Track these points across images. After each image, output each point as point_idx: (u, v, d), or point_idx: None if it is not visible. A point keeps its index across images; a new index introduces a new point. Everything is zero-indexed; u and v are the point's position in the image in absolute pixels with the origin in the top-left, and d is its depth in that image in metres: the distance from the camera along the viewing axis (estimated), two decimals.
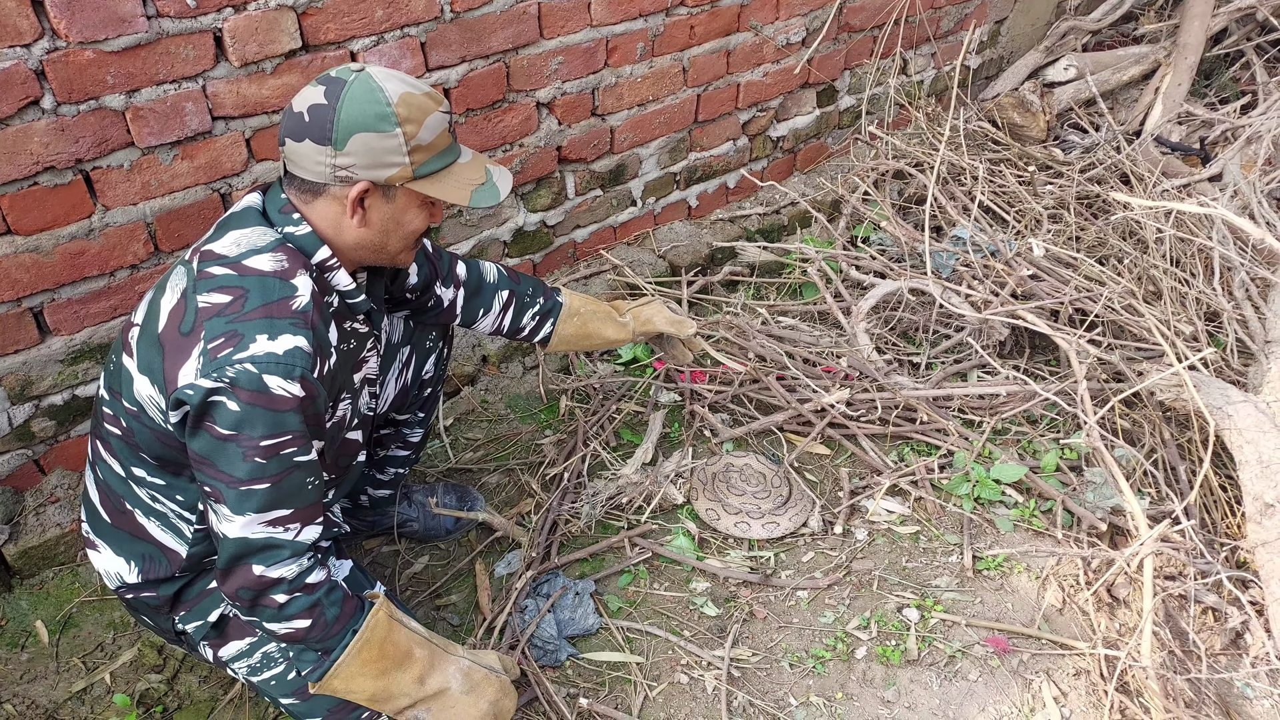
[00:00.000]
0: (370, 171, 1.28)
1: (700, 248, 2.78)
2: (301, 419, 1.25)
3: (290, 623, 1.31)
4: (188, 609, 1.47)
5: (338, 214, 1.32)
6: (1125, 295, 2.45)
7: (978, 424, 2.28)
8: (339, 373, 1.38)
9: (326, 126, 1.25)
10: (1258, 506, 1.90)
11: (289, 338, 1.22)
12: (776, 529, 2.04)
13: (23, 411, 1.83)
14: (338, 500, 1.60)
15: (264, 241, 1.30)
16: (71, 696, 1.73)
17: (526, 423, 2.35)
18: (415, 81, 1.31)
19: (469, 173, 1.37)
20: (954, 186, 2.94)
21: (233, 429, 1.21)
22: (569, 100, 2.33)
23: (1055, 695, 1.76)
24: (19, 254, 1.67)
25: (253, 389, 1.19)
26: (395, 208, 1.33)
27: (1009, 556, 2.02)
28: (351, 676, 1.35)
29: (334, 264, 1.35)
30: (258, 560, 1.27)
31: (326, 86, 1.26)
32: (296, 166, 1.30)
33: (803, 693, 1.76)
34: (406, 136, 1.26)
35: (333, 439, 1.43)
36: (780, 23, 2.67)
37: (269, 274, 1.27)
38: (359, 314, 1.44)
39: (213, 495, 1.26)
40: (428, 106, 1.29)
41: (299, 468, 1.27)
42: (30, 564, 1.88)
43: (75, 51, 1.56)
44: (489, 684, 1.46)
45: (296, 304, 1.26)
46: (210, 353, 1.20)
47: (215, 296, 1.24)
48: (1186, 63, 3.33)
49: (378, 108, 1.24)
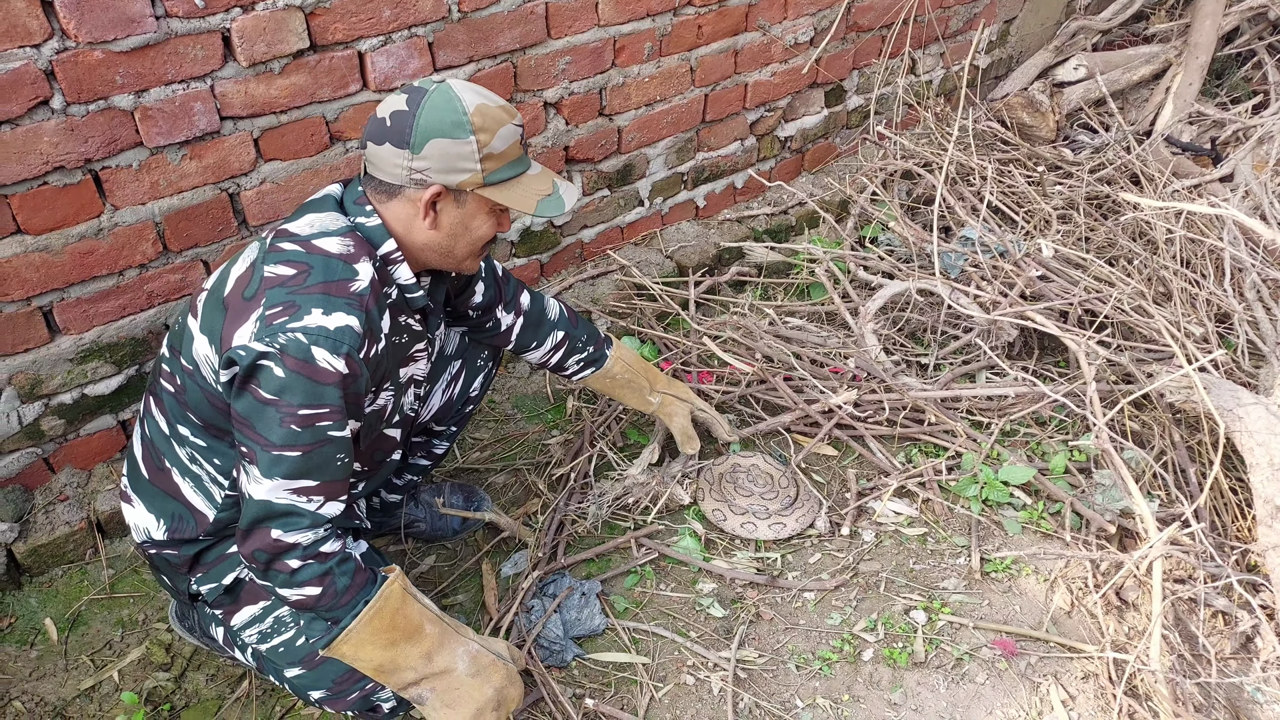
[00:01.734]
0: (444, 176, 1.35)
1: (708, 248, 2.77)
2: (341, 395, 1.30)
3: (302, 589, 1.34)
4: (205, 571, 1.51)
5: (410, 215, 1.39)
6: (1135, 296, 2.43)
7: (986, 425, 2.27)
8: (385, 360, 1.42)
9: (406, 131, 1.32)
10: (1269, 509, 1.89)
11: (342, 315, 1.29)
12: (783, 530, 2.04)
13: (32, 410, 1.84)
14: (364, 495, 1.63)
15: (335, 226, 1.37)
16: (80, 694, 1.74)
17: (533, 423, 2.35)
18: (491, 95, 1.38)
19: (537, 184, 1.43)
20: (962, 187, 2.92)
21: (275, 394, 1.26)
22: (576, 100, 2.33)
23: (1063, 699, 1.75)
24: (29, 253, 1.68)
25: (299, 358, 1.25)
26: (465, 212, 1.40)
27: (1017, 559, 2.01)
28: (361, 643, 1.37)
29: (398, 257, 1.41)
30: (277, 525, 1.32)
31: (409, 95, 1.34)
32: (375, 168, 1.38)
33: (809, 694, 1.76)
34: (480, 144, 1.34)
35: (370, 427, 1.49)
36: (788, 22, 2.67)
37: (335, 255, 1.33)
38: (415, 310, 1.49)
39: (247, 456, 1.31)
40: (501, 118, 1.36)
41: (331, 442, 1.31)
42: (40, 562, 1.89)
43: (84, 52, 1.57)
44: (496, 670, 1.46)
45: (355, 287, 1.33)
46: (267, 319, 1.26)
47: (281, 269, 1.31)
48: (1197, 62, 3.31)
49: (454, 115, 1.32)
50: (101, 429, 1.95)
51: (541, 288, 2.58)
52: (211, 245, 1.90)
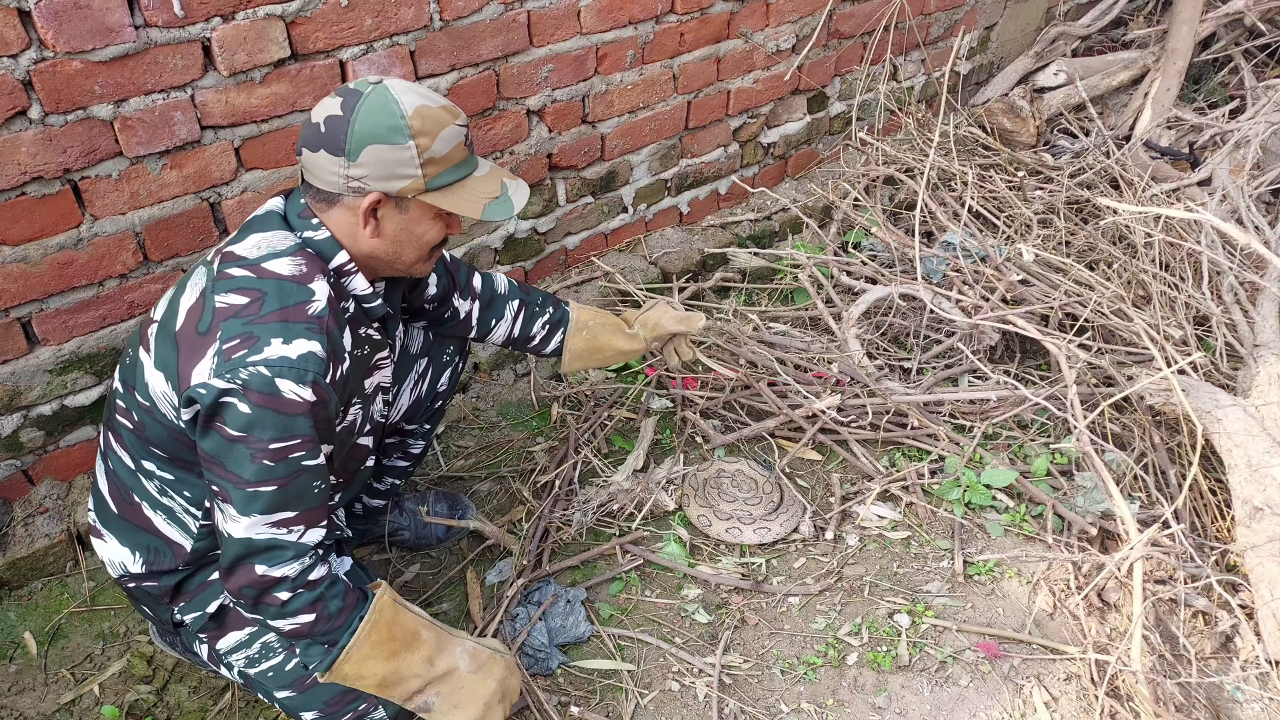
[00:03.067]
0: (382, 183, 1.30)
1: (692, 254, 2.78)
2: (312, 423, 1.26)
3: (294, 618, 1.33)
4: (188, 599, 1.49)
5: (352, 223, 1.34)
6: (1115, 300, 2.46)
7: (968, 429, 2.29)
8: (351, 378, 1.39)
9: (340, 137, 1.27)
10: (1247, 510, 1.91)
11: (303, 342, 1.24)
12: (768, 535, 2.04)
13: (11, 422, 1.82)
14: (343, 504, 1.61)
15: (284, 245, 1.32)
16: (60, 708, 1.72)
17: (518, 430, 2.35)
18: (433, 94, 1.32)
19: (484, 186, 1.38)
20: (944, 192, 2.95)
21: (242, 430, 1.22)
22: (559, 108, 2.33)
23: (1046, 700, 1.76)
24: (7, 264, 1.67)
25: (264, 391, 1.21)
26: (409, 219, 1.35)
27: (1000, 561, 2.02)
28: (363, 660, 1.36)
29: (351, 269, 1.37)
30: (261, 560, 1.29)
31: (344, 98, 1.28)
32: (312, 176, 1.32)
33: (794, 699, 1.76)
34: (419, 149, 1.28)
35: (342, 443, 1.45)
36: (770, 30, 2.68)
37: (287, 278, 1.29)
38: (374, 319, 1.45)
39: (220, 495, 1.28)
40: (443, 119, 1.30)
41: (306, 471, 1.29)
42: (19, 575, 1.87)
43: (63, 62, 1.56)
44: (495, 663, 1.47)
45: (313, 309, 1.28)
46: (225, 353, 1.22)
47: (233, 298, 1.26)
48: (1175, 68, 3.35)
49: (391, 120, 1.26)
50: (82, 440, 1.94)
51: None
52: (193, 255, 1.89)
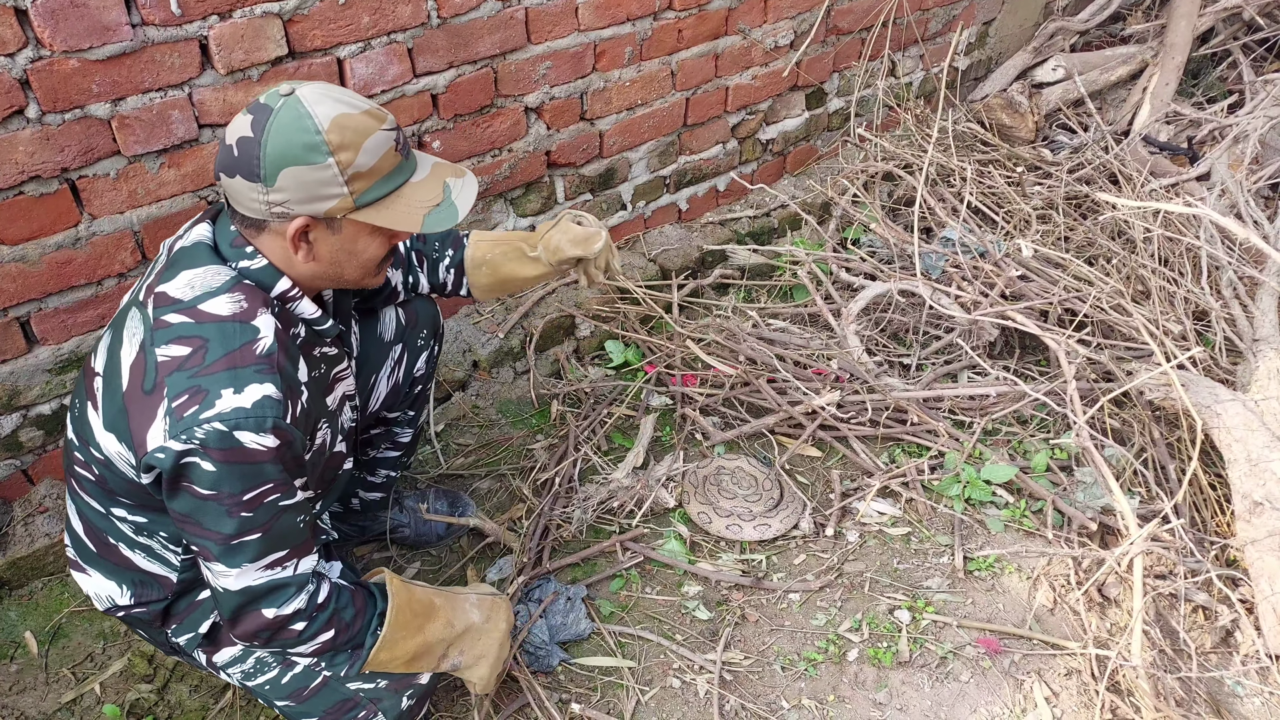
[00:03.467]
0: (307, 206, 1.19)
1: (690, 251, 2.78)
2: (280, 468, 1.21)
3: (314, 641, 1.33)
4: (179, 622, 1.47)
5: (284, 248, 1.24)
6: (1114, 295, 2.46)
7: (968, 425, 2.29)
8: (313, 404, 1.32)
9: (254, 162, 1.16)
10: (1246, 504, 1.91)
11: (256, 387, 1.17)
12: (768, 531, 2.04)
13: (10, 422, 1.82)
14: (327, 509, 1.60)
15: (219, 282, 1.22)
16: (61, 707, 1.72)
17: (518, 428, 2.35)
18: (354, 99, 1.20)
19: (423, 193, 1.27)
20: (943, 188, 2.94)
21: (211, 488, 1.17)
22: (557, 105, 2.33)
23: (1047, 695, 1.76)
24: (5, 263, 1.66)
25: (225, 447, 1.15)
26: (343, 239, 1.25)
27: (1000, 557, 2.02)
28: (395, 644, 1.40)
29: (296, 294, 1.28)
30: (266, 604, 1.27)
31: (254, 116, 1.17)
32: (234, 201, 1.22)
33: (795, 696, 1.76)
34: (341, 165, 1.17)
35: (315, 465, 1.40)
36: (768, 26, 2.68)
37: (228, 318, 1.20)
38: (328, 339, 1.39)
39: (203, 553, 1.24)
40: (367, 127, 1.18)
41: (286, 510, 1.25)
42: (19, 575, 1.87)
43: (60, 60, 1.56)
44: (498, 607, 1.55)
45: (260, 347, 1.20)
46: (175, 412, 1.14)
47: (174, 349, 1.18)
48: (1174, 62, 3.34)
49: (306, 137, 1.15)
50: None
51: (524, 292, 2.57)
52: None
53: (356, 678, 1.44)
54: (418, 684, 1.49)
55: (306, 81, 1.21)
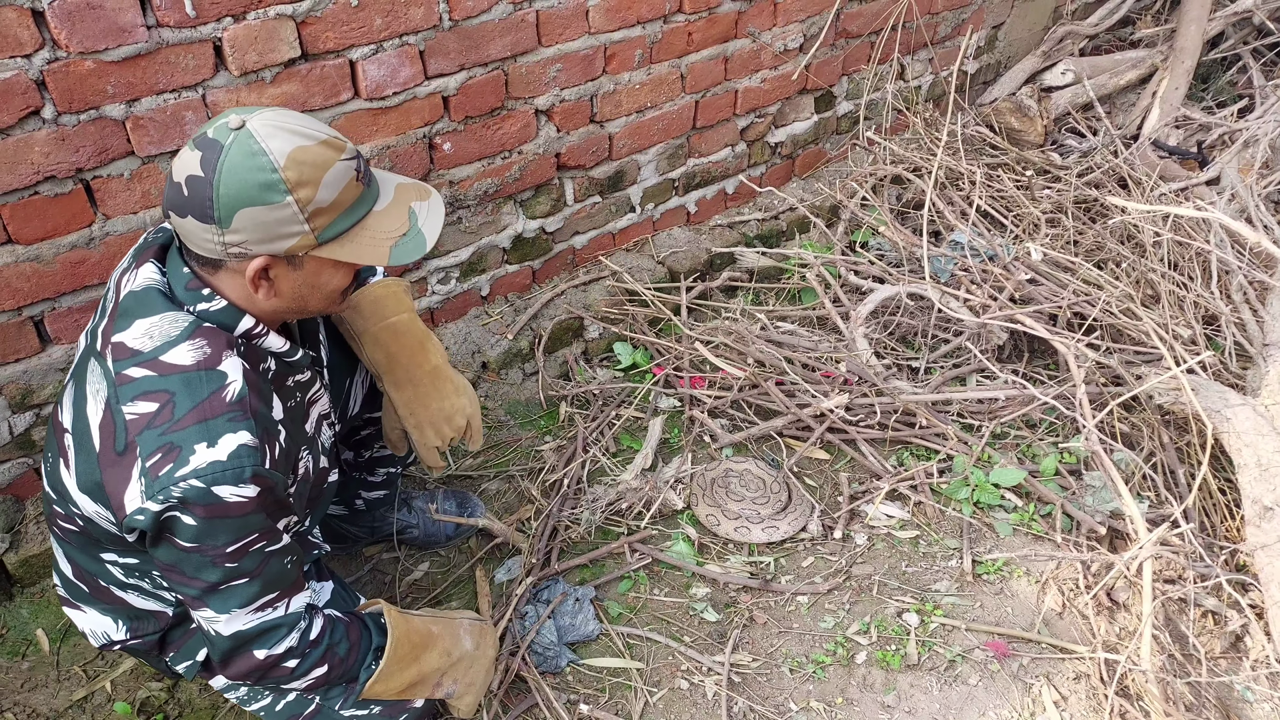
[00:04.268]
0: (266, 245, 1.13)
1: (699, 253, 2.78)
2: (264, 515, 1.18)
3: (308, 677, 1.33)
4: (176, 649, 1.46)
5: (243, 286, 1.18)
6: (1123, 299, 2.45)
7: (977, 428, 2.29)
8: (291, 441, 1.28)
9: (206, 204, 1.09)
10: (1257, 510, 1.90)
11: (230, 438, 1.13)
12: (776, 533, 2.04)
13: (24, 420, 1.83)
14: (317, 522, 1.58)
15: (178, 330, 1.16)
16: (72, 705, 1.73)
17: (526, 429, 2.35)
18: (310, 128, 1.13)
19: (387, 223, 1.20)
20: (952, 191, 2.94)
21: (195, 541, 1.15)
22: (568, 107, 2.33)
23: (1055, 699, 1.76)
24: (20, 263, 1.68)
25: (205, 503, 1.12)
26: (306, 274, 1.19)
27: (1008, 561, 2.02)
28: (391, 676, 1.41)
29: (260, 331, 1.22)
30: (258, 646, 1.26)
31: (203, 153, 1.09)
32: (188, 241, 1.16)
33: (803, 698, 1.76)
34: (301, 203, 1.11)
35: (301, 494, 1.37)
36: (778, 29, 2.68)
37: (192, 367, 1.15)
38: (301, 369, 1.34)
39: (191, 602, 1.23)
40: (325, 160, 1.12)
41: (274, 555, 1.23)
42: (31, 573, 1.88)
43: (75, 62, 1.57)
44: (485, 634, 1.60)
45: (229, 394, 1.15)
46: (150, 471, 1.11)
47: (141, 405, 1.13)
48: (1183, 66, 3.34)
49: (261, 175, 1.08)
50: None
51: (533, 294, 2.58)
52: None
53: (351, 706, 1.43)
54: (412, 708, 1.49)
55: (257, 108, 1.14)
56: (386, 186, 1.23)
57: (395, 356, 1.56)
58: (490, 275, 2.47)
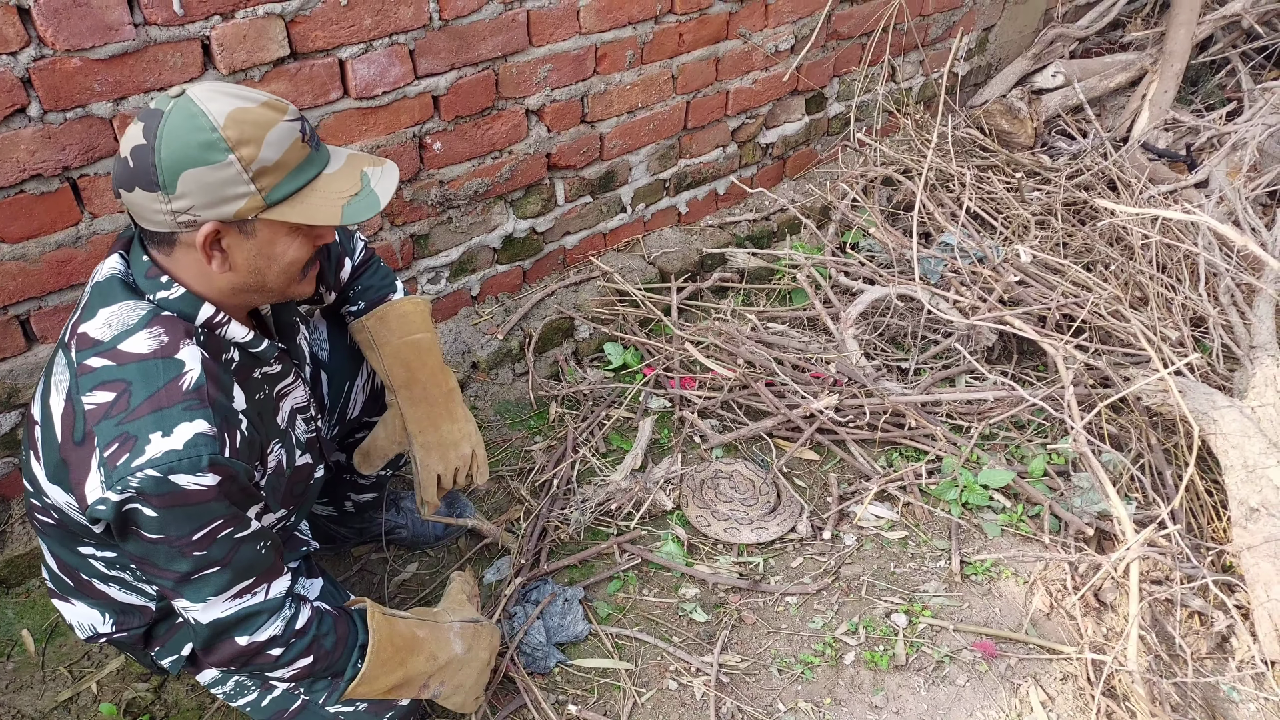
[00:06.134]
0: (213, 210, 1.12)
1: (690, 254, 2.79)
2: (227, 503, 1.17)
3: (292, 666, 1.32)
4: (161, 644, 1.45)
5: (199, 262, 1.17)
6: (1112, 301, 2.46)
7: (965, 429, 2.29)
8: (256, 432, 1.26)
9: (150, 170, 1.09)
10: (1243, 511, 1.91)
11: (185, 426, 1.11)
12: (765, 534, 2.05)
13: (9, 420, 1.82)
14: (301, 520, 1.57)
15: (135, 318, 1.16)
16: (58, 705, 1.72)
17: (516, 429, 2.35)
18: (249, 92, 1.14)
19: (339, 183, 1.19)
20: (942, 193, 2.95)
21: (158, 533, 1.14)
22: (558, 107, 2.33)
23: (1042, 700, 1.76)
24: (5, 261, 1.67)
25: (162, 493, 1.11)
26: (259, 242, 1.18)
27: (996, 561, 2.02)
28: (374, 679, 1.39)
29: (222, 319, 1.22)
30: (239, 632, 1.25)
31: (145, 122, 1.10)
32: (139, 218, 1.16)
33: (791, 698, 1.77)
34: (244, 161, 1.10)
35: (275, 487, 1.36)
36: (769, 30, 2.69)
37: (148, 355, 1.14)
38: (268, 360, 1.33)
39: (166, 592, 1.22)
40: (266, 120, 1.12)
41: (244, 542, 1.22)
42: (16, 573, 1.87)
43: (62, 59, 1.56)
44: (480, 636, 1.57)
45: (185, 382, 1.14)
46: (108, 462, 1.10)
47: (99, 395, 1.13)
48: (1173, 70, 3.35)
49: (201, 135, 1.08)
50: None
51: (524, 294, 2.58)
52: None
53: (335, 702, 1.42)
54: (398, 705, 1.49)
55: (198, 82, 1.15)
56: (337, 155, 1.24)
57: (415, 373, 1.59)
58: (480, 275, 2.47)
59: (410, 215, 2.21)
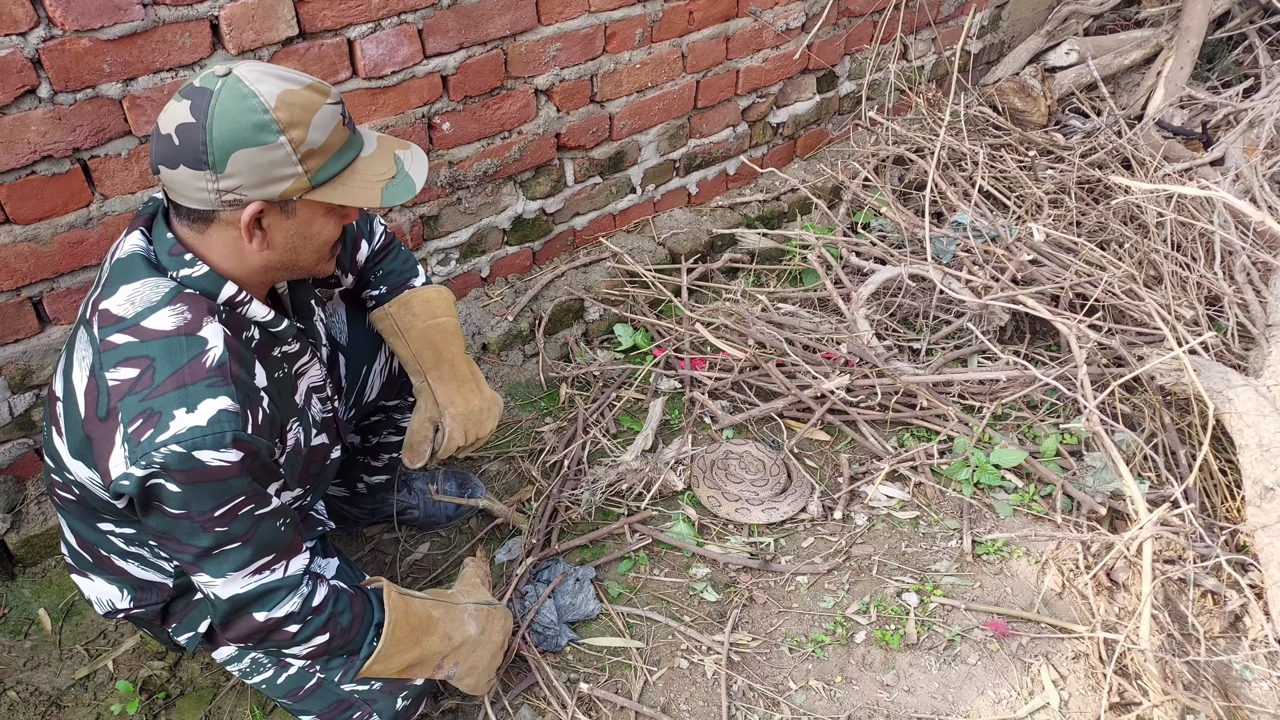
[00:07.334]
0: (261, 190, 1.14)
1: (700, 235, 2.77)
2: (249, 479, 1.19)
3: (309, 643, 1.33)
4: (178, 621, 1.47)
5: (235, 240, 1.19)
6: (1126, 280, 2.44)
7: (978, 409, 2.28)
8: (276, 410, 1.28)
9: (199, 148, 1.10)
10: (1257, 490, 1.90)
11: (209, 403, 1.13)
12: (776, 514, 2.05)
13: (23, 400, 1.83)
14: (318, 500, 1.59)
15: (158, 295, 1.17)
16: (75, 683, 1.74)
17: (527, 410, 2.35)
18: (293, 74, 1.16)
19: (376, 166, 1.23)
20: (954, 172, 2.93)
21: (181, 508, 1.16)
22: (567, 87, 2.32)
23: (1054, 678, 1.76)
24: (18, 243, 1.67)
25: (186, 468, 1.12)
26: (298, 222, 1.20)
27: (1008, 541, 2.02)
28: (389, 658, 1.41)
29: (244, 298, 1.23)
30: (257, 608, 1.27)
31: (192, 100, 1.11)
32: (178, 195, 1.16)
33: (802, 677, 1.77)
34: (294, 143, 1.12)
35: (293, 465, 1.38)
36: (780, 8, 2.66)
37: (172, 333, 1.15)
38: (286, 339, 1.34)
39: (186, 567, 1.24)
40: (313, 102, 1.14)
41: (264, 518, 1.23)
42: (33, 552, 1.89)
43: (71, 40, 1.56)
44: (494, 618, 1.59)
45: (209, 359, 1.16)
46: (132, 437, 1.12)
47: (123, 371, 1.14)
48: (1188, 46, 3.31)
49: (254, 116, 1.10)
50: None
51: (534, 275, 2.58)
52: None
53: (350, 680, 1.44)
54: (413, 685, 1.50)
55: (239, 61, 1.16)
56: (369, 137, 1.26)
57: (442, 353, 1.63)
58: (490, 256, 2.46)
59: (420, 196, 2.21)
